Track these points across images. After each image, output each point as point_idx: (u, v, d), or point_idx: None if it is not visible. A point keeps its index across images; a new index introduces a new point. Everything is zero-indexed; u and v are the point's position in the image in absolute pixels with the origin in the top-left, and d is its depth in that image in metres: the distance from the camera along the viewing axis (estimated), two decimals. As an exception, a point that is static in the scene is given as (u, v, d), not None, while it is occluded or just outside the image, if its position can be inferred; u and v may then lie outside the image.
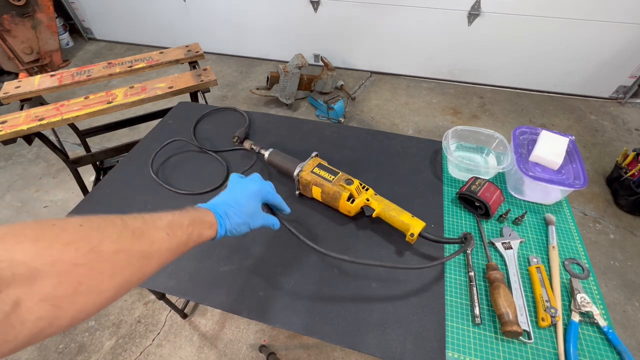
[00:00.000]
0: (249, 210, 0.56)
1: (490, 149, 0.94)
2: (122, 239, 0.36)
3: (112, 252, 0.35)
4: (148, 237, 0.39)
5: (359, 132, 1.03)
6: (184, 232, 0.45)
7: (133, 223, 0.39)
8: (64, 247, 0.31)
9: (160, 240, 0.41)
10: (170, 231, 0.43)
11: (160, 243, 0.41)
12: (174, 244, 0.43)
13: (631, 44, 2.24)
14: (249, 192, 0.58)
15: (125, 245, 0.36)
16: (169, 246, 0.42)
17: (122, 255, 0.36)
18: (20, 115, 1.22)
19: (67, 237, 0.32)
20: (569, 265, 0.70)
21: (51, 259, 0.30)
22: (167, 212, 0.45)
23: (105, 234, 0.35)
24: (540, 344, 0.60)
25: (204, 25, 3.02)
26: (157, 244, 0.40)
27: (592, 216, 1.80)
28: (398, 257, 0.72)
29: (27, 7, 2.64)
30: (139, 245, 0.38)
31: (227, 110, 1.13)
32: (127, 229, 0.38)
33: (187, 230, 0.45)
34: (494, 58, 2.55)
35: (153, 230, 0.41)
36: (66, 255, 0.31)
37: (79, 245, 0.32)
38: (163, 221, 0.43)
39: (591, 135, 2.27)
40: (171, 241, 0.42)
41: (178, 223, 0.44)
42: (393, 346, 0.59)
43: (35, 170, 2.14)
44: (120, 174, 0.92)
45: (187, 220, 0.46)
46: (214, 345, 1.37)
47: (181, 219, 0.45)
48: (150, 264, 0.39)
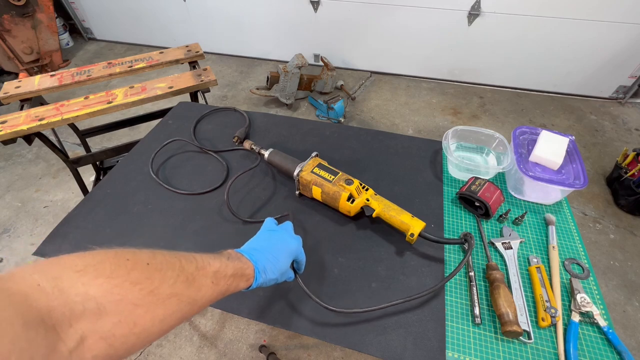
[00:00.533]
0: (284, 268, 0.55)
1: (490, 149, 0.94)
2: (177, 283, 0.37)
3: (167, 295, 0.35)
4: (198, 283, 0.40)
5: (359, 132, 1.03)
6: (226, 282, 0.45)
7: (188, 267, 0.39)
8: (132, 286, 0.32)
9: (206, 287, 0.41)
10: (215, 280, 0.43)
11: (206, 290, 0.41)
12: (216, 292, 0.43)
13: (631, 44, 2.24)
14: (288, 251, 0.57)
15: (179, 290, 0.37)
16: (211, 294, 0.42)
17: (174, 299, 0.36)
18: (20, 115, 1.22)
19: (135, 276, 0.33)
20: (569, 265, 0.70)
21: (118, 297, 0.30)
22: (215, 258, 0.45)
23: (165, 277, 0.35)
24: (540, 344, 0.60)
25: (204, 25, 3.02)
26: (202, 291, 0.40)
27: (592, 216, 1.80)
28: (398, 257, 0.72)
29: (27, 7, 2.64)
30: (189, 291, 0.38)
31: (227, 110, 1.13)
32: (183, 273, 0.38)
33: (228, 281, 0.45)
34: (494, 58, 2.55)
35: (202, 277, 0.41)
36: (131, 295, 0.31)
37: (143, 285, 0.33)
38: (212, 268, 0.43)
39: (591, 135, 2.27)
40: (214, 290, 0.42)
41: (223, 273, 0.44)
42: (393, 346, 0.59)
43: (35, 170, 2.14)
44: (120, 174, 0.92)
45: (232, 270, 0.46)
46: (214, 345, 1.37)
47: (227, 268, 0.45)
48: (194, 309, 0.40)
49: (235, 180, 0.85)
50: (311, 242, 0.74)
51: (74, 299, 0.28)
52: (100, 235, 0.77)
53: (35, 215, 1.87)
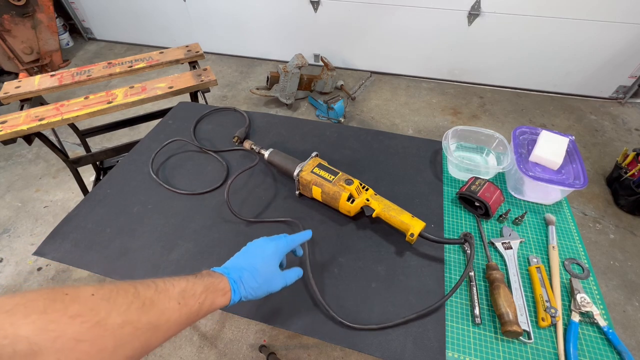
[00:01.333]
0: (266, 273, 0.53)
1: (490, 149, 0.94)
2: (130, 310, 0.35)
3: (117, 325, 0.33)
4: (158, 307, 0.38)
5: (359, 132, 1.03)
6: (196, 301, 0.43)
7: (145, 292, 0.37)
8: (70, 320, 0.30)
9: (171, 310, 0.39)
10: (182, 300, 0.41)
11: (171, 313, 0.39)
12: (185, 314, 0.41)
13: (631, 44, 2.24)
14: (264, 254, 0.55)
15: (133, 317, 0.35)
16: (179, 317, 0.40)
17: (128, 328, 0.34)
18: (20, 115, 1.22)
19: (75, 309, 0.31)
20: (569, 265, 0.70)
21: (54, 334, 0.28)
22: (181, 278, 0.44)
23: (114, 305, 0.34)
24: (540, 344, 0.60)
25: (204, 25, 3.02)
26: (166, 314, 0.38)
27: (592, 216, 1.80)
28: (398, 257, 0.72)
29: (27, 7, 2.64)
30: (147, 317, 0.36)
31: (227, 110, 1.13)
32: (138, 299, 0.36)
33: (199, 298, 0.43)
34: (494, 58, 2.55)
35: (165, 300, 0.39)
36: (70, 330, 0.29)
37: (85, 318, 0.31)
38: (176, 289, 0.41)
39: (591, 135, 2.27)
40: (181, 311, 0.40)
41: (191, 291, 0.42)
42: (393, 346, 0.59)
43: (35, 170, 2.14)
44: (120, 174, 0.92)
45: (201, 287, 0.44)
46: (214, 345, 1.37)
47: (195, 286, 0.43)
48: (157, 335, 0.38)
49: (235, 181, 0.85)
50: (311, 242, 0.74)
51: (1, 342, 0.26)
52: (100, 235, 0.77)
53: (35, 215, 1.87)
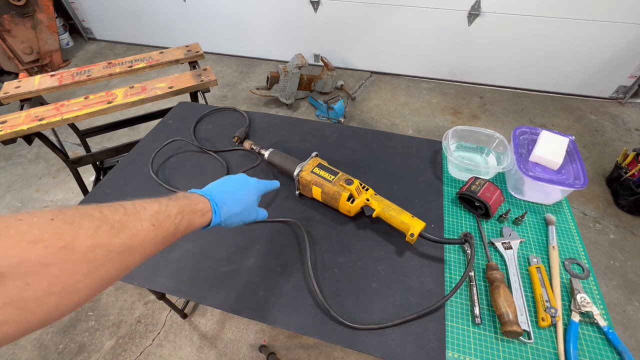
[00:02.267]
0: (247, 202, 0.55)
1: (490, 149, 0.94)
2: (98, 233, 0.33)
3: (87, 248, 0.31)
4: (130, 229, 0.36)
5: (359, 132, 1.03)
6: (172, 222, 0.42)
7: (113, 215, 0.36)
8: (32, 245, 0.28)
9: (145, 232, 0.38)
10: (156, 222, 0.39)
11: (145, 235, 0.38)
12: (160, 235, 0.40)
13: (631, 44, 2.24)
14: (247, 186, 0.57)
15: (103, 240, 0.33)
16: (154, 237, 0.39)
17: (100, 250, 0.32)
18: (20, 115, 1.22)
19: (35, 233, 0.29)
20: (569, 265, 0.70)
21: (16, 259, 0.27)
22: (154, 200, 0.42)
23: (79, 229, 0.32)
24: (540, 344, 0.60)
25: (204, 25, 3.02)
26: (140, 236, 0.37)
27: (592, 216, 1.80)
28: (398, 257, 0.72)
29: (27, 7, 2.64)
30: (118, 239, 0.35)
31: (227, 110, 1.13)
32: (105, 222, 0.34)
33: (175, 219, 0.42)
34: (494, 58, 2.55)
35: (136, 222, 0.37)
36: (33, 255, 0.28)
37: (49, 242, 0.29)
38: (147, 211, 0.40)
39: (591, 135, 2.27)
40: (157, 232, 0.39)
41: (165, 213, 0.41)
42: (393, 346, 0.59)
43: (35, 170, 2.14)
44: (120, 174, 0.92)
45: (176, 209, 0.43)
46: (214, 345, 1.37)
47: (168, 208, 0.42)
48: (133, 257, 0.37)
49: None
50: (311, 242, 0.74)
51: None
52: (100, 235, 0.77)
53: (35, 215, 1.87)
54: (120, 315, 1.47)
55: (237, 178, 0.58)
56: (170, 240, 0.42)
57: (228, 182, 0.56)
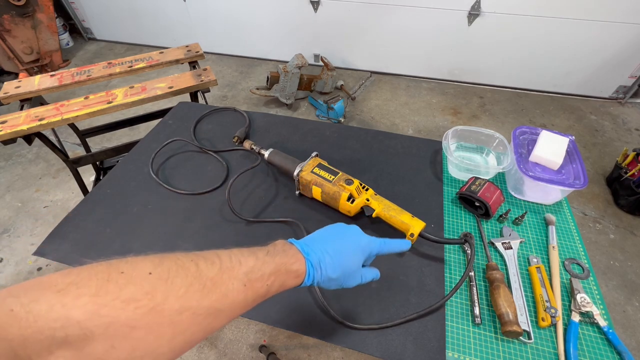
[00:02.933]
0: (349, 266, 0.47)
1: (490, 149, 0.93)
2: (189, 293, 0.31)
3: (175, 311, 0.30)
4: (221, 289, 0.34)
5: (359, 132, 1.03)
6: (264, 283, 0.38)
7: (207, 271, 0.33)
8: (124, 304, 0.27)
9: (235, 292, 0.35)
10: (248, 282, 0.36)
11: (235, 296, 0.35)
12: (250, 297, 0.36)
13: (631, 44, 2.24)
14: (355, 244, 0.48)
15: (193, 302, 0.31)
16: (243, 299, 0.36)
17: (187, 314, 0.31)
18: (20, 115, 1.22)
19: (130, 291, 0.28)
20: (569, 265, 0.70)
21: (107, 319, 0.26)
22: (251, 252, 0.39)
23: (172, 287, 0.30)
24: (540, 344, 0.60)
25: (204, 25, 3.02)
26: (230, 297, 0.34)
27: (592, 216, 1.80)
28: (398, 257, 0.72)
29: (27, 7, 2.64)
30: (208, 301, 0.32)
31: (227, 110, 1.13)
32: (198, 280, 0.32)
33: (267, 280, 0.38)
34: (494, 58, 2.55)
35: (228, 281, 0.35)
36: (123, 315, 0.27)
37: (140, 303, 0.28)
38: (242, 268, 0.36)
39: (591, 135, 2.27)
40: (247, 294, 0.36)
41: (259, 272, 0.37)
42: (393, 346, 0.59)
43: (35, 170, 2.14)
44: (120, 174, 0.92)
45: (271, 268, 0.39)
46: (214, 345, 1.37)
47: (264, 266, 0.38)
48: (219, 320, 0.34)
49: (235, 181, 0.85)
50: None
51: (52, 325, 0.24)
52: (100, 235, 0.77)
53: (35, 215, 1.87)
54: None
55: (345, 233, 0.50)
56: (258, 301, 0.38)
57: (332, 237, 0.49)
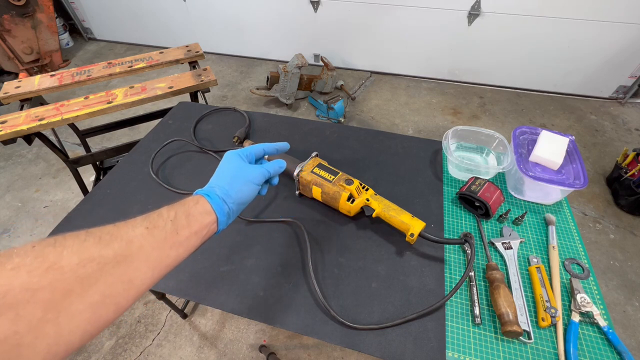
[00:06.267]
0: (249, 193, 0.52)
1: (490, 149, 0.93)
2: (85, 246, 0.30)
3: (76, 264, 0.29)
4: (121, 238, 0.34)
5: (359, 132, 1.03)
6: (166, 219, 0.39)
7: (100, 230, 0.33)
8: (13, 272, 0.26)
9: (140, 237, 0.35)
10: (149, 224, 0.37)
11: (141, 240, 0.35)
12: (159, 235, 0.37)
13: (631, 44, 2.24)
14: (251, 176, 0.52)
15: (92, 253, 0.30)
16: (153, 240, 0.36)
17: (91, 265, 0.30)
18: (20, 115, 1.22)
19: (14, 261, 0.27)
20: (569, 265, 0.70)
21: (1, 289, 0.25)
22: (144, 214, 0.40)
23: (63, 247, 0.29)
24: (540, 344, 0.60)
25: (204, 25, 3.02)
26: (135, 242, 0.34)
27: (592, 216, 1.80)
28: (398, 257, 0.72)
29: (27, 7, 2.64)
30: (110, 250, 0.32)
31: (227, 110, 1.13)
32: (91, 236, 0.32)
33: (169, 216, 0.39)
34: (494, 58, 2.55)
35: (127, 230, 0.35)
36: (17, 281, 0.25)
37: (31, 266, 0.27)
38: (138, 218, 0.37)
39: (591, 135, 2.27)
40: (153, 234, 0.36)
41: (156, 214, 0.39)
42: (393, 346, 0.59)
43: (35, 170, 2.14)
44: (120, 174, 0.92)
45: (166, 208, 0.41)
46: (214, 345, 1.37)
47: (160, 210, 0.40)
48: (134, 267, 0.34)
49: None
50: (311, 242, 0.74)
51: None
52: (100, 235, 0.77)
53: (35, 215, 1.87)
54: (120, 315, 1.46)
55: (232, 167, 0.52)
56: (174, 240, 0.38)
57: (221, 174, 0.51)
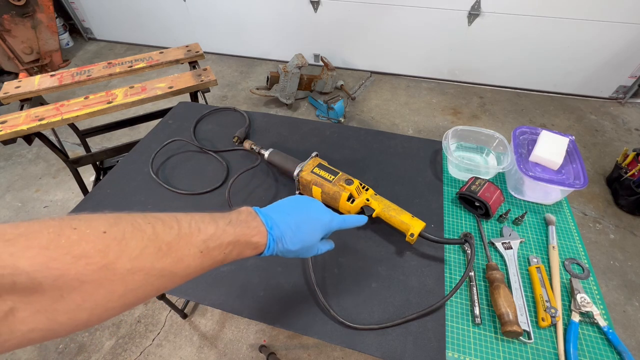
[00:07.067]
0: (309, 240, 0.48)
1: (490, 149, 0.93)
2: (143, 256, 0.32)
3: (127, 270, 0.31)
4: (177, 254, 0.34)
5: (359, 132, 1.03)
6: (221, 251, 0.38)
7: (164, 235, 0.34)
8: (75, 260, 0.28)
9: (191, 258, 0.35)
10: (205, 249, 0.37)
11: (190, 261, 0.35)
12: (206, 263, 0.37)
13: (631, 44, 2.24)
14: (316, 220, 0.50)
15: (146, 264, 0.32)
16: (199, 265, 0.36)
17: (139, 274, 0.32)
18: (20, 115, 1.22)
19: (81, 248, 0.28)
20: (569, 265, 0.70)
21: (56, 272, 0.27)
22: (212, 219, 0.39)
23: (126, 248, 0.31)
24: (540, 344, 0.60)
25: (204, 25, 3.02)
26: (185, 262, 0.35)
27: (592, 216, 1.80)
28: (398, 257, 0.72)
29: (27, 7, 2.64)
30: (162, 264, 0.33)
31: (227, 110, 1.13)
32: (153, 243, 0.33)
33: (225, 249, 0.39)
34: (494, 58, 2.55)
35: (185, 247, 0.35)
36: (74, 270, 0.28)
37: (92, 259, 0.29)
38: (201, 236, 0.37)
39: (591, 135, 2.27)
40: (203, 260, 0.37)
41: (218, 241, 0.38)
42: (393, 346, 0.59)
43: (35, 170, 2.14)
44: (120, 174, 0.92)
45: (230, 238, 0.39)
46: (214, 345, 1.37)
47: (224, 234, 0.38)
48: (173, 280, 0.35)
49: (236, 180, 0.85)
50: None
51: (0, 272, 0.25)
52: (100, 235, 0.77)
53: (35, 215, 1.87)
54: (120, 315, 1.46)
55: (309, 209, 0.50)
56: (214, 267, 0.39)
57: (297, 211, 0.49)
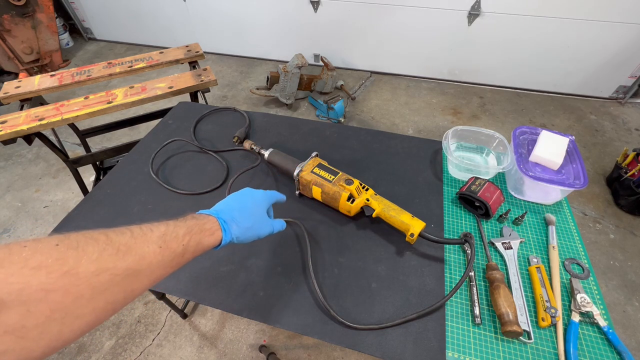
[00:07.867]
0: (256, 214, 0.54)
1: (490, 149, 0.93)
2: (103, 257, 0.33)
3: (91, 272, 0.31)
4: (136, 252, 0.36)
5: (359, 132, 1.03)
6: (179, 243, 0.41)
7: (119, 238, 0.36)
8: (34, 271, 0.28)
9: (152, 254, 0.38)
10: (163, 244, 0.39)
11: (152, 257, 0.38)
12: (168, 257, 0.40)
13: (631, 44, 2.24)
14: (256, 198, 0.57)
15: (108, 264, 0.33)
16: (161, 260, 0.39)
17: (104, 275, 0.32)
18: (20, 115, 1.22)
19: (37, 259, 0.29)
20: (569, 265, 0.70)
21: (18, 286, 0.27)
22: (162, 223, 0.42)
23: (84, 254, 0.32)
24: (540, 344, 0.60)
25: (204, 25, 3.02)
26: (147, 259, 0.37)
27: (592, 216, 1.80)
28: (398, 257, 0.72)
29: (27, 7, 2.64)
30: (124, 263, 0.34)
31: (227, 110, 1.13)
32: (110, 245, 0.34)
33: (182, 240, 0.42)
34: (494, 58, 2.55)
35: (142, 245, 0.38)
36: (35, 281, 0.28)
37: (51, 268, 0.29)
38: (155, 233, 0.40)
39: (591, 135, 2.27)
40: (164, 254, 0.39)
41: (173, 234, 0.41)
42: (393, 346, 0.59)
43: (35, 170, 2.14)
44: (120, 174, 0.92)
45: (183, 230, 0.43)
46: (214, 345, 1.37)
47: (176, 229, 0.42)
48: (139, 281, 0.36)
49: (235, 181, 0.85)
50: (311, 242, 0.74)
51: None
52: (100, 235, 0.77)
53: (35, 215, 1.87)
54: (120, 315, 1.46)
55: (242, 192, 0.58)
56: (178, 261, 0.42)
57: (234, 198, 0.56)
